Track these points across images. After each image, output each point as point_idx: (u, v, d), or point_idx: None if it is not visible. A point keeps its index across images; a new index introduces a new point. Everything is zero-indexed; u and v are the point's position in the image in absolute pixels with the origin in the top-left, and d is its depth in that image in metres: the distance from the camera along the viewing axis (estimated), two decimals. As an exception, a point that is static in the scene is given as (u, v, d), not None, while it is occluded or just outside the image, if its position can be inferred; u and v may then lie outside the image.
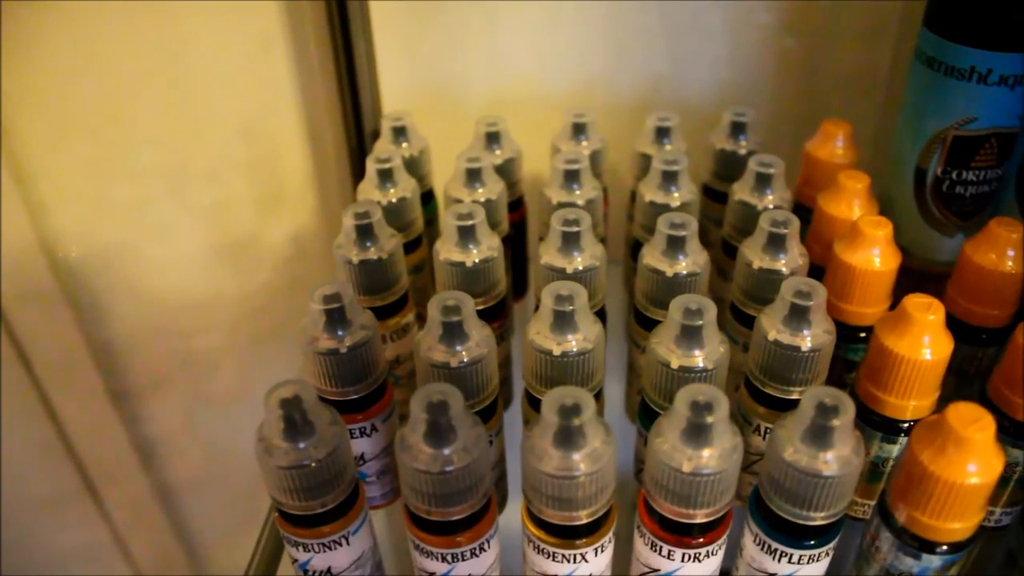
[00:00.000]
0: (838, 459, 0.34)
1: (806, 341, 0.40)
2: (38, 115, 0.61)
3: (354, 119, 0.64)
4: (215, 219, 0.69)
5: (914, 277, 0.51)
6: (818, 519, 0.36)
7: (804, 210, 0.54)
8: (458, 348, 0.39)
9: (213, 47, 0.62)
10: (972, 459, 0.34)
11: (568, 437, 0.34)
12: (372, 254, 0.45)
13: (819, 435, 0.34)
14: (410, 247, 0.53)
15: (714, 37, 0.66)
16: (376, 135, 0.62)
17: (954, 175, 0.51)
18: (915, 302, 0.39)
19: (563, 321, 0.39)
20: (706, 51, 0.66)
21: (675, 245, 0.44)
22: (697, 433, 0.34)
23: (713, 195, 0.58)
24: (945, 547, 0.36)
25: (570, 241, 0.44)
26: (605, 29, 0.65)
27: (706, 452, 0.34)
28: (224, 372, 0.77)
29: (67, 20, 0.58)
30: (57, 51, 0.59)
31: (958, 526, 0.35)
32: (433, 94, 0.67)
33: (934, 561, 0.37)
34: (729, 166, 0.56)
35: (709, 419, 0.33)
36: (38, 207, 0.64)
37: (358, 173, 0.65)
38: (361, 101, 0.63)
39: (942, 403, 0.35)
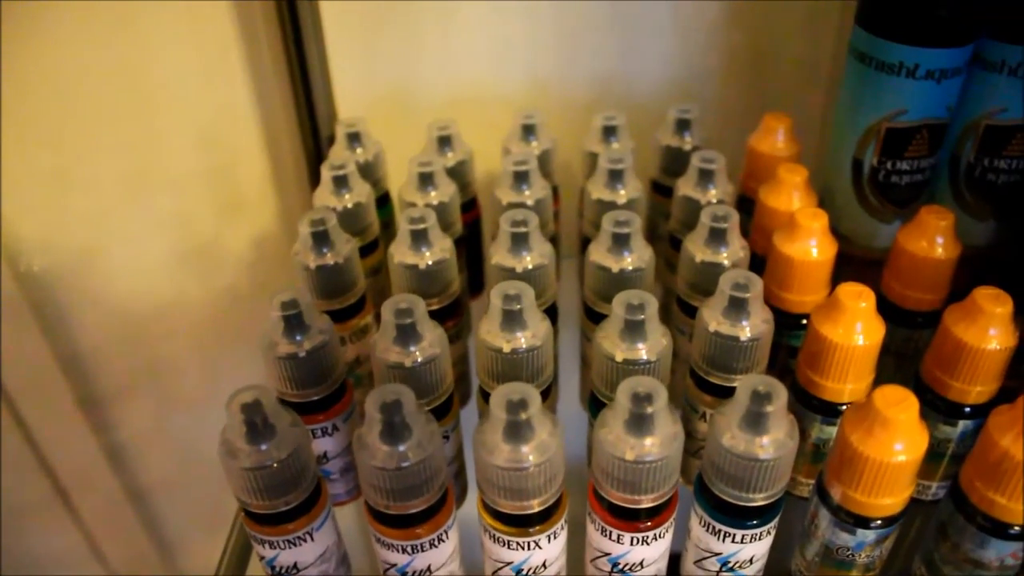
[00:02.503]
0: (773, 443, 0.36)
1: (745, 331, 0.41)
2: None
3: (310, 124, 0.65)
4: (176, 226, 0.70)
5: (855, 263, 0.54)
6: (758, 500, 0.38)
7: (749, 203, 0.56)
8: (412, 348, 0.41)
9: (169, 56, 0.63)
10: (898, 438, 0.36)
11: (516, 431, 0.35)
12: (329, 259, 0.47)
13: (754, 421, 0.36)
14: (367, 250, 0.54)
15: (662, 34, 0.67)
16: (332, 139, 0.63)
17: (889, 165, 0.53)
18: (847, 290, 0.41)
19: (512, 319, 0.41)
20: (655, 48, 0.68)
21: (620, 242, 0.46)
22: (639, 423, 0.35)
23: (661, 190, 0.60)
24: (879, 522, 0.38)
25: (519, 241, 0.46)
26: (555, 29, 0.67)
27: (648, 440, 0.36)
28: (190, 376, 0.78)
29: (23, 31, 0.58)
30: (15, 62, 0.59)
31: (889, 501, 0.37)
32: (387, 96, 0.69)
33: (869, 535, 0.39)
34: (675, 162, 0.58)
35: (649, 409, 0.35)
36: (-1, 218, 0.65)
37: (316, 177, 0.66)
38: (316, 106, 0.64)
39: (879, 385, 0.37)
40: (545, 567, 0.40)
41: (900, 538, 0.41)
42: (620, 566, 0.40)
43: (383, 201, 0.60)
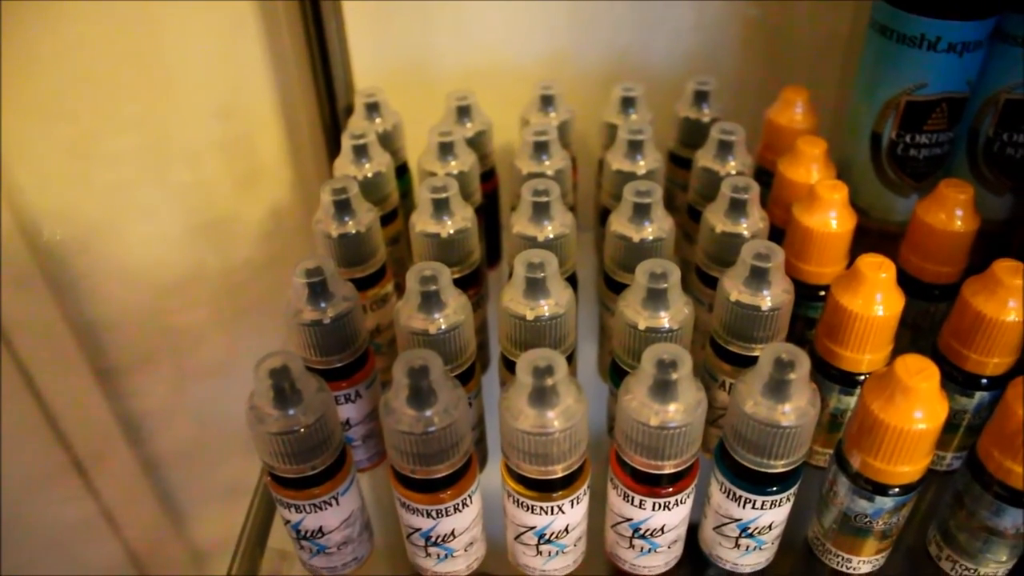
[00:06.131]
0: (795, 410, 0.36)
1: (766, 301, 0.42)
2: (14, 98, 0.61)
3: (327, 95, 0.65)
4: (194, 198, 0.70)
5: (872, 236, 0.54)
6: (778, 467, 0.38)
7: (766, 174, 0.57)
8: (436, 316, 0.41)
9: (186, 27, 0.63)
10: (918, 406, 0.36)
11: (542, 396, 0.36)
12: (351, 228, 0.47)
13: (777, 388, 0.36)
14: (386, 220, 0.54)
15: (679, 6, 0.67)
16: (350, 111, 0.63)
17: (907, 139, 0.53)
18: (868, 261, 0.42)
19: (535, 287, 0.41)
20: (671, 20, 0.68)
21: (641, 212, 0.46)
22: (663, 389, 0.36)
23: (679, 162, 0.60)
24: (896, 489, 0.39)
25: (540, 211, 0.46)
26: (571, 1, 0.67)
27: (672, 407, 0.36)
28: (208, 346, 0.78)
29: (41, 5, 0.58)
30: (32, 36, 0.59)
31: (907, 469, 0.38)
32: (404, 68, 0.69)
33: (887, 503, 0.39)
34: (693, 133, 0.58)
35: (674, 376, 0.35)
36: (16, 190, 0.65)
37: (333, 148, 0.66)
38: (334, 77, 0.64)
39: (896, 356, 0.38)
40: (567, 531, 0.41)
41: (914, 507, 0.42)
42: (641, 531, 0.41)
43: (401, 171, 0.60)
